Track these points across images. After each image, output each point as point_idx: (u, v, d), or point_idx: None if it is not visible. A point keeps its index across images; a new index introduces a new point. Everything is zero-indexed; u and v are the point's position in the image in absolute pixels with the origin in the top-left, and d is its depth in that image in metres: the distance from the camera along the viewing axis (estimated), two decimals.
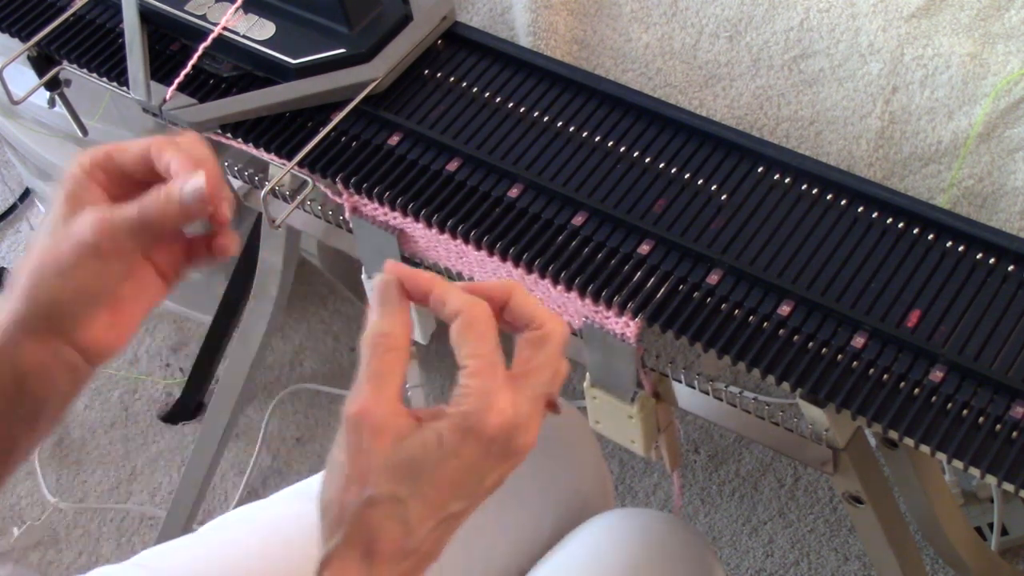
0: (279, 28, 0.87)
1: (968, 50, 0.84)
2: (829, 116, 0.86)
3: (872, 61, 0.85)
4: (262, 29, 0.87)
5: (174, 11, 0.89)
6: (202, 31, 0.88)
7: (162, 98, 0.86)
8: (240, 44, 0.87)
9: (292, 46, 0.86)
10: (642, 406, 0.82)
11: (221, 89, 0.89)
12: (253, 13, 0.88)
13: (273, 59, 0.86)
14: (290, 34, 0.87)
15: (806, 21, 0.87)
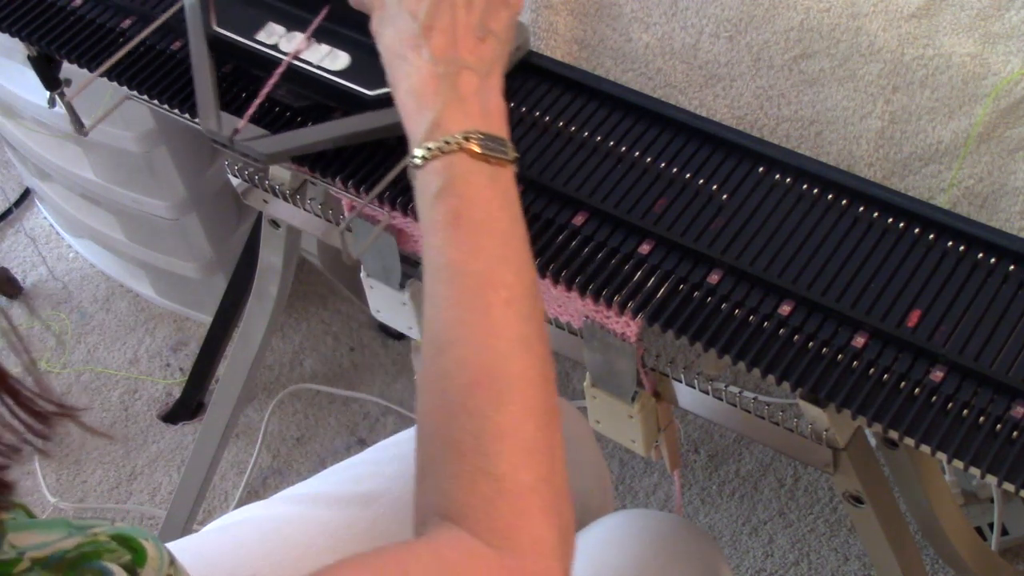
0: (353, 59, 0.85)
1: (968, 50, 0.84)
2: (829, 116, 0.86)
3: (872, 61, 0.85)
4: (335, 60, 0.85)
5: (244, 40, 0.87)
6: (273, 61, 0.85)
7: (233, 129, 0.83)
8: (313, 74, 0.85)
9: (367, 77, 0.83)
10: (643, 406, 0.82)
11: (291, 119, 0.87)
12: (325, 43, 0.86)
13: (348, 90, 0.83)
14: (364, 65, 0.84)
15: (806, 21, 0.87)
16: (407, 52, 0.72)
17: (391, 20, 0.74)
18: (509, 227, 0.67)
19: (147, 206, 1.54)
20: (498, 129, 0.70)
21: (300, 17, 0.87)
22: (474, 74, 0.71)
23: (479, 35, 0.73)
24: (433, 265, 0.66)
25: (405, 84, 0.72)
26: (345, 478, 0.88)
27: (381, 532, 0.83)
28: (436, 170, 0.68)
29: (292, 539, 0.82)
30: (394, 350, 1.64)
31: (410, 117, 0.71)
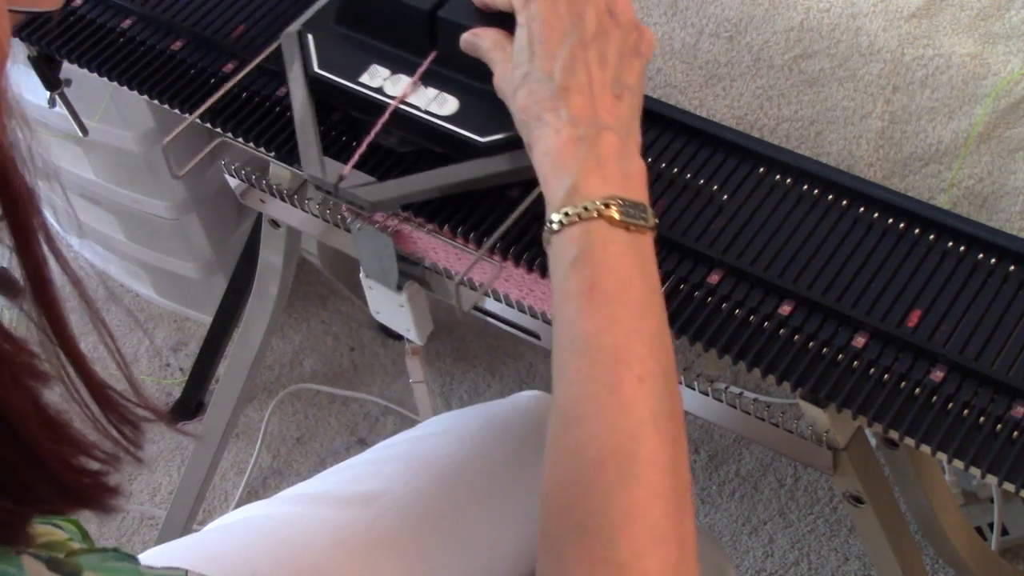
0: (462, 104, 0.81)
1: (968, 50, 0.84)
2: (830, 116, 0.86)
3: (873, 61, 0.85)
4: (444, 104, 0.81)
5: (347, 83, 0.83)
6: (377, 105, 0.82)
7: (338, 175, 0.80)
8: (421, 119, 0.81)
9: (478, 123, 0.80)
10: None
11: (395, 165, 0.84)
12: (432, 87, 0.82)
13: (459, 136, 0.80)
14: (474, 110, 0.80)
15: (806, 21, 0.87)
16: (545, 114, 0.70)
17: (524, 79, 0.72)
18: (645, 298, 0.65)
19: (147, 206, 1.54)
20: (638, 194, 0.68)
21: (405, 60, 0.83)
22: (614, 134, 0.69)
23: (616, 92, 0.71)
24: (565, 334, 0.65)
25: (542, 146, 0.70)
26: (345, 478, 0.88)
27: (381, 532, 0.83)
28: (573, 237, 0.66)
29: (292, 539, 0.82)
30: (394, 350, 1.64)
31: (547, 180, 0.69)
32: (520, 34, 0.73)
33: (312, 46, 0.85)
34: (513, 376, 1.60)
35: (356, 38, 0.85)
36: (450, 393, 1.59)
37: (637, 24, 0.74)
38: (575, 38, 0.71)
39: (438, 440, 0.89)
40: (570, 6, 0.72)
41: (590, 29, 0.72)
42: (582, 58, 0.71)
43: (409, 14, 0.82)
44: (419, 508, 0.85)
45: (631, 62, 0.73)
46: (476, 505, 0.86)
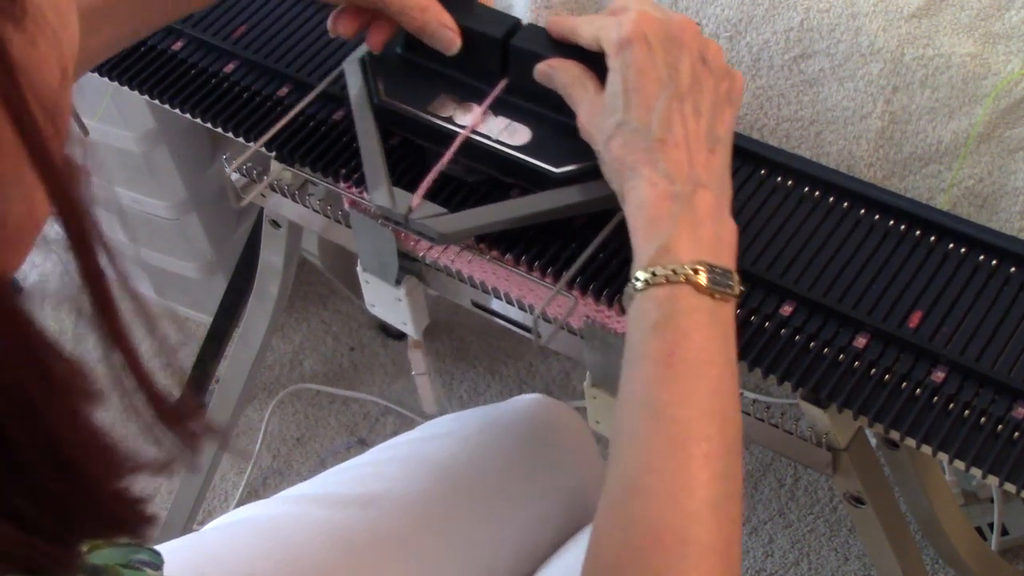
0: (534, 133, 0.79)
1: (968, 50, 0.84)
2: (829, 116, 0.86)
3: (872, 61, 0.85)
4: (515, 134, 0.79)
5: (416, 112, 0.81)
6: (447, 134, 0.80)
7: (407, 206, 0.79)
8: (492, 149, 0.79)
9: (551, 154, 0.78)
10: None
11: (464, 194, 0.82)
12: (503, 116, 0.80)
13: (532, 167, 0.78)
14: (546, 140, 0.79)
15: (806, 21, 0.87)
16: (640, 166, 0.68)
17: (618, 128, 0.70)
18: (722, 371, 0.64)
19: (147, 206, 1.54)
20: (727, 259, 0.67)
21: (474, 88, 0.81)
22: (709, 192, 0.68)
23: (710, 145, 0.70)
24: (636, 398, 0.63)
25: (636, 198, 0.68)
26: (345, 479, 0.88)
27: (381, 533, 0.83)
28: (657, 299, 0.64)
29: (292, 539, 0.82)
30: (394, 350, 1.64)
31: (638, 234, 0.67)
32: (614, 80, 0.71)
33: (377, 73, 0.83)
34: (513, 376, 1.60)
35: (423, 65, 0.83)
36: (450, 393, 1.59)
37: (728, 71, 0.73)
38: (672, 90, 0.69)
39: (439, 442, 0.90)
40: (666, 55, 0.70)
41: (685, 80, 0.70)
42: (678, 110, 0.69)
43: (481, 41, 0.79)
44: (419, 509, 0.85)
45: (723, 112, 0.71)
46: (476, 507, 0.86)
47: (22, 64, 0.38)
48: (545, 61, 0.76)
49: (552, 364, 1.59)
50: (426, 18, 0.78)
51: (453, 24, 0.79)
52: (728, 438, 0.62)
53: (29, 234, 0.42)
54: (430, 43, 0.79)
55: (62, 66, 0.41)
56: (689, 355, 0.63)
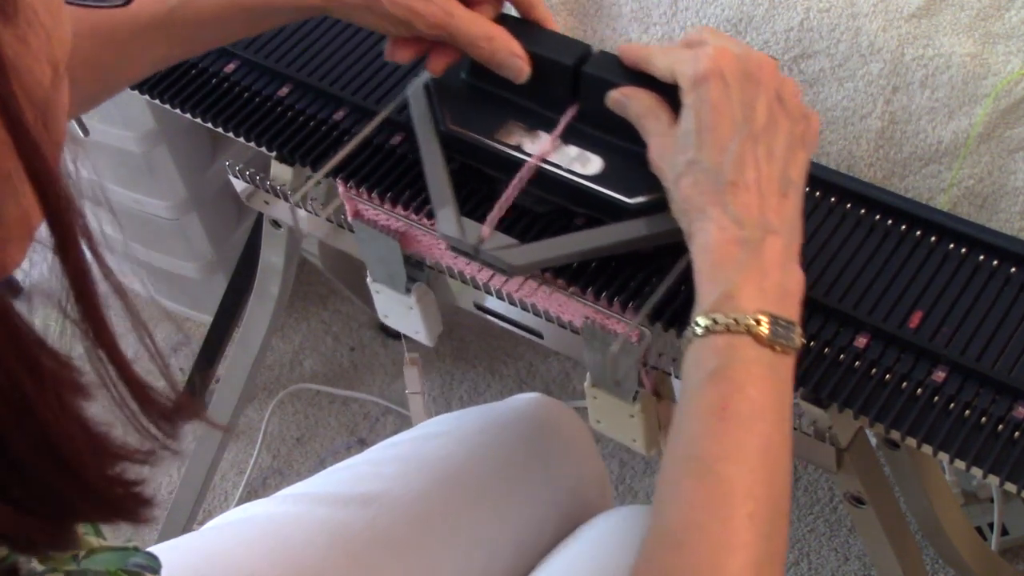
0: (606, 163, 0.77)
1: (968, 50, 0.84)
2: (829, 116, 0.86)
3: (872, 61, 0.85)
4: (587, 163, 0.77)
5: (484, 140, 0.79)
6: (516, 163, 0.78)
7: (478, 237, 0.77)
8: (564, 179, 0.77)
9: (624, 184, 0.76)
10: (644, 405, 0.82)
11: (532, 224, 0.80)
12: (574, 145, 0.78)
13: (605, 197, 0.76)
14: (619, 170, 0.77)
15: (806, 21, 0.87)
16: (710, 208, 0.67)
17: (689, 167, 0.68)
18: (774, 428, 0.62)
19: (147, 206, 1.54)
20: (791, 310, 0.65)
21: (542, 115, 0.80)
22: (779, 239, 0.66)
23: (782, 189, 0.68)
24: (683, 450, 0.62)
25: (703, 240, 0.66)
26: (345, 478, 0.88)
27: (380, 532, 0.83)
28: (716, 347, 0.63)
29: (291, 538, 0.82)
30: (394, 350, 1.64)
31: (702, 277, 0.66)
32: (687, 116, 0.69)
33: (442, 99, 0.82)
34: (513, 376, 1.60)
35: (488, 92, 0.81)
36: (450, 393, 1.59)
37: (805, 112, 0.71)
38: (746, 131, 0.68)
39: (438, 441, 0.90)
40: (742, 93, 0.69)
41: (761, 120, 0.68)
42: (751, 152, 0.67)
43: (551, 69, 0.78)
44: (418, 508, 0.85)
45: (797, 155, 0.69)
46: (475, 506, 0.86)
47: (13, 62, 0.38)
48: (618, 89, 0.75)
49: (552, 364, 1.59)
50: (494, 47, 0.77)
51: (522, 52, 0.77)
52: (775, 498, 0.61)
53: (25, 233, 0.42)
54: (499, 72, 0.78)
55: (53, 65, 0.41)
56: (743, 409, 0.61)
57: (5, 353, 0.38)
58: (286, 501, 0.87)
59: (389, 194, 0.83)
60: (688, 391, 0.64)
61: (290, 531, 0.83)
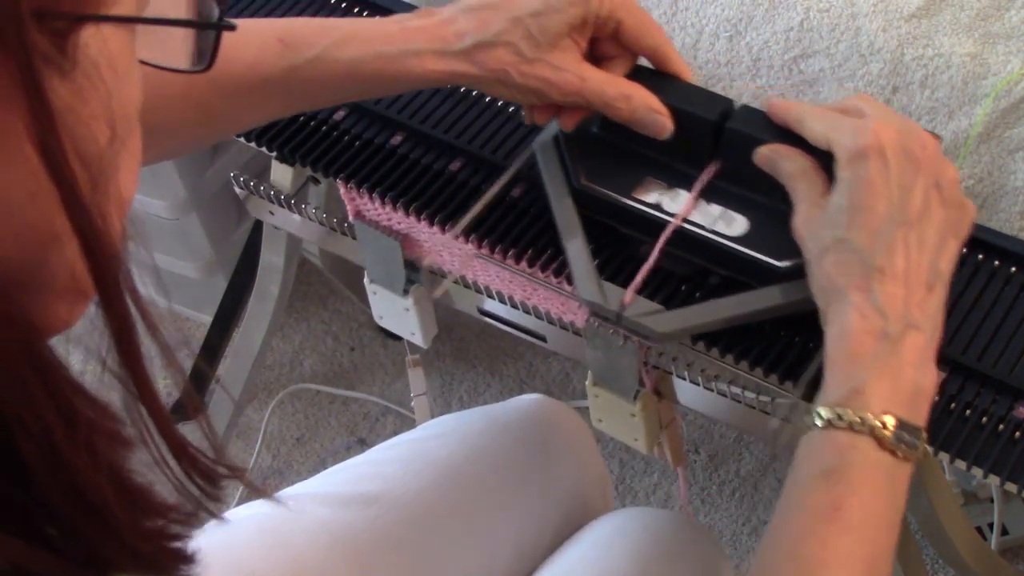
0: (752, 223, 0.74)
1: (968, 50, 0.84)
2: None
3: (872, 61, 0.85)
4: (731, 223, 0.74)
5: (621, 199, 0.76)
6: (657, 223, 0.75)
7: (619, 302, 0.73)
8: (708, 240, 0.74)
9: (772, 245, 0.72)
10: (644, 404, 0.82)
11: (673, 286, 0.76)
12: (716, 204, 0.75)
13: (752, 260, 0.72)
14: (766, 230, 0.73)
15: (806, 21, 0.87)
16: (852, 292, 0.64)
17: (836, 244, 0.65)
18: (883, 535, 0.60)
19: (147, 206, 1.54)
20: (920, 413, 0.62)
21: (681, 172, 0.76)
22: (920, 335, 0.63)
23: (930, 281, 0.65)
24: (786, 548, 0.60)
25: (840, 326, 0.64)
26: (345, 478, 0.88)
27: (380, 533, 0.83)
28: (835, 444, 0.61)
29: (292, 538, 0.82)
30: (394, 350, 1.64)
31: (834, 365, 0.63)
32: (841, 190, 0.66)
33: (573, 154, 0.78)
34: (513, 376, 1.60)
35: (623, 146, 0.78)
36: (450, 393, 1.59)
37: (962, 201, 0.68)
38: (901, 216, 0.65)
39: (439, 441, 0.90)
40: (901, 175, 0.66)
41: (917, 206, 0.65)
42: (903, 239, 0.64)
43: (692, 124, 0.74)
44: (419, 509, 0.85)
45: (948, 245, 0.66)
46: (476, 507, 0.86)
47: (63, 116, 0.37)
48: (768, 145, 0.72)
49: (552, 364, 1.59)
50: (633, 107, 0.74)
51: (662, 107, 0.74)
52: None
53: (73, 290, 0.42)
54: (640, 130, 0.75)
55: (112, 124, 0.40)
56: (854, 514, 0.59)
57: (36, 394, 0.38)
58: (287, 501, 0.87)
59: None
60: (799, 482, 0.62)
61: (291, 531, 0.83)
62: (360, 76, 0.74)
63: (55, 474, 0.39)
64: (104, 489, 0.40)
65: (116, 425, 0.42)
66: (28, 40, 0.35)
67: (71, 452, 0.39)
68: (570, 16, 0.72)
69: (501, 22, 0.72)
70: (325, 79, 0.74)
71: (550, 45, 0.72)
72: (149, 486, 0.43)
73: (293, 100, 0.77)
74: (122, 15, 0.39)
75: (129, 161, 0.43)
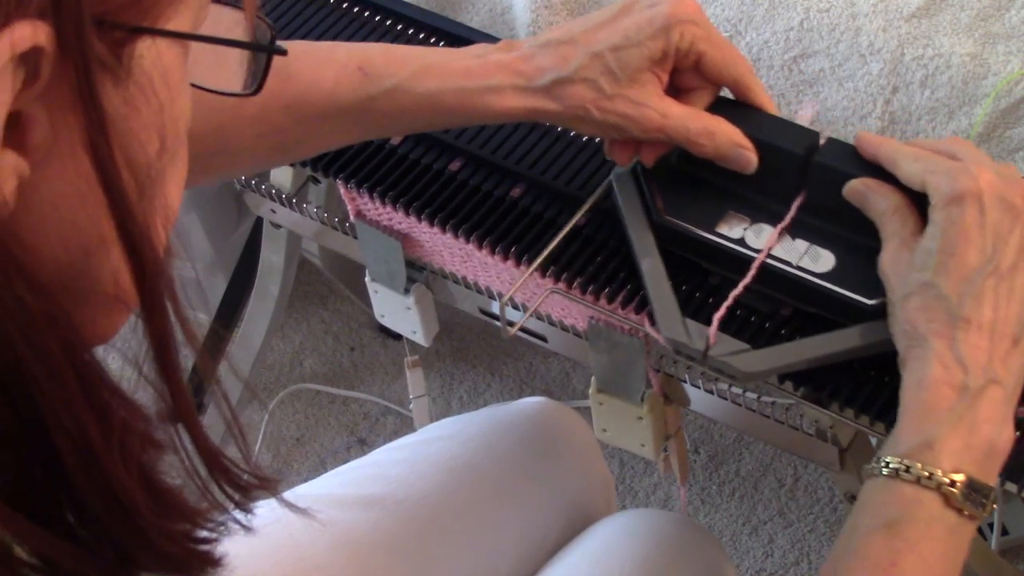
0: (838, 259, 0.72)
1: (968, 50, 0.84)
2: (829, 116, 0.86)
3: (872, 61, 0.85)
4: (817, 259, 0.72)
5: (704, 234, 0.74)
6: (741, 259, 0.73)
7: (705, 341, 0.71)
8: (794, 277, 0.72)
9: (860, 282, 0.70)
10: (652, 406, 0.81)
11: (759, 325, 0.74)
12: (801, 239, 0.73)
13: (841, 297, 0.71)
14: (853, 267, 0.71)
15: (806, 21, 0.87)
16: (934, 340, 0.62)
17: (921, 289, 0.64)
18: None
19: None
20: (991, 473, 0.61)
21: (764, 205, 0.75)
22: (1001, 391, 0.62)
23: (1015, 335, 0.63)
24: None
25: (919, 374, 0.62)
26: (348, 480, 0.88)
27: (384, 534, 0.83)
28: (899, 496, 0.60)
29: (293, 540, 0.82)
30: (394, 350, 1.64)
31: (907, 414, 0.62)
32: (933, 234, 0.65)
33: (653, 186, 0.76)
34: (513, 376, 1.60)
35: (703, 178, 0.76)
36: (450, 393, 1.59)
37: None
38: (992, 265, 0.64)
39: (442, 444, 0.90)
40: (997, 224, 0.64)
41: (1009, 257, 0.64)
42: (993, 289, 0.63)
43: (778, 157, 0.73)
44: (422, 511, 0.85)
45: None
46: (479, 509, 0.86)
47: (116, 122, 0.38)
48: (860, 180, 0.71)
49: (552, 364, 1.59)
50: (717, 143, 0.72)
51: (746, 142, 0.73)
52: None
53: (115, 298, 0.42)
54: (724, 165, 0.74)
55: (162, 137, 0.41)
56: (911, 571, 0.59)
57: (73, 392, 0.39)
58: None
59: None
60: (859, 529, 0.61)
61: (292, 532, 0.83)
62: (438, 109, 0.73)
63: (88, 471, 0.40)
64: (133, 489, 0.41)
65: (149, 427, 0.42)
66: (87, 45, 0.36)
67: (104, 450, 0.40)
68: (650, 50, 0.70)
69: (580, 57, 0.70)
70: (402, 110, 0.73)
71: (630, 80, 0.71)
72: (178, 489, 0.44)
73: (367, 129, 0.76)
74: (177, 31, 0.40)
75: (176, 174, 0.44)
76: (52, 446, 0.39)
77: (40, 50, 0.35)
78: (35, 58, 0.35)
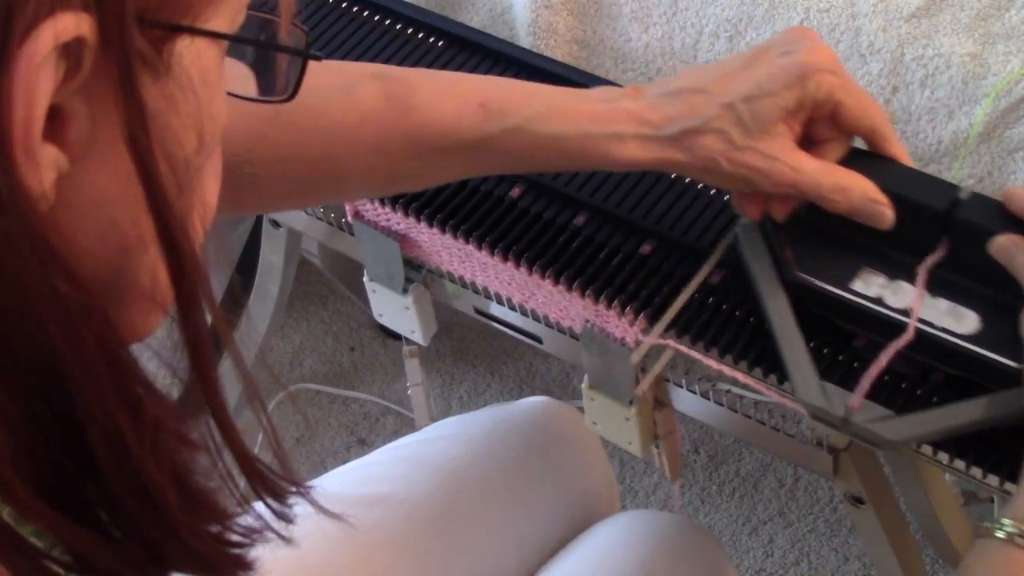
0: (983, 319, 0.69)
1: (968, 50, 0.84)
2: None
3: (872, 61, 0.85)
4: (961, 319, 0.69)
5: (839, 292, 0.71)
6: (878, 319, 0.70)
7: (845, 407, 0.68)
8: (936, 338, 0.69)
9: (1008, 343, 0.67)
10: (640, 409, 0.82)
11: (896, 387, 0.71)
12: (942, 297, 0.70)
13: (988, 360, 0.68)
14: (999, 326, 0.68)
15: (806, 21, 0.87)
16: None
17: None
18: None
19: None
20: None
21: (901, 262, 0.71)
22: None
23: None
24: None
25: None
26: (350, 479, 0.88)
27: (386, 534, 0.83)
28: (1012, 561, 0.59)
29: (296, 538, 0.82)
30: (394, 350, 1.64)
31: None
32: None
33: (782, 241, 0.73)
34: (513, 376, 1.60)
35: (835, 232, 0.72)
36: (450, 393, 1.59)
37: None
38: None
39: (445, 443, 0.90)
40: None
41: None
42: None
43: (917, 212, 0.70)
44: (424, 511, 0.85)
45: None
46: (482, 509, 0.86)
47: (156, 117, 0.38)
48: (1009, 236, 0.67)
49: (552, 364, 1.59)
50: (851, 199, 0.69)
51: (881, 197, 0.69)
52: None
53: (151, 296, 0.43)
54: (859, 220, 0.70)
55: (200, 135, 0.41)
56: None
57: (107, 388, 0.39)
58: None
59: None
60: None
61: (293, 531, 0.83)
62: (560, 152, 0.71)
63: (120, 467, 0.40)
64: (165, 487, 0.41)
65: (182, 426, 0.42)
66: (129, 39, 0.36)
67: (136, 446, 0.40)
68: (785, 100, 0.68)
69: (712, 107, 0.68)
70: (521, 150, 0.71)
71: (762, 131, 0.68)
72: (211, 490, 0.44)
73: (483, 166, 0.74)
74: (215, 31, 0.40)
75: (213, 171, 0.44)
76: (85, 440, 0.39)
77: (83, 41, 0.35)
78: (77, 50, 0.36)
